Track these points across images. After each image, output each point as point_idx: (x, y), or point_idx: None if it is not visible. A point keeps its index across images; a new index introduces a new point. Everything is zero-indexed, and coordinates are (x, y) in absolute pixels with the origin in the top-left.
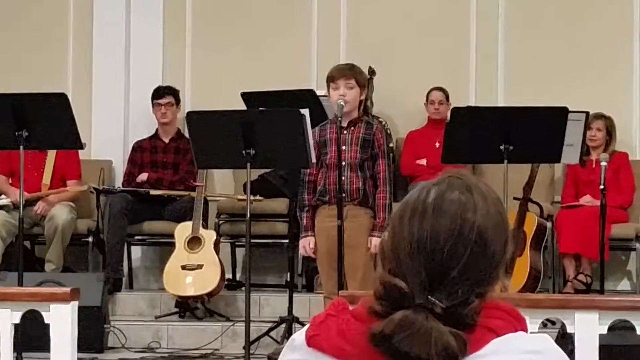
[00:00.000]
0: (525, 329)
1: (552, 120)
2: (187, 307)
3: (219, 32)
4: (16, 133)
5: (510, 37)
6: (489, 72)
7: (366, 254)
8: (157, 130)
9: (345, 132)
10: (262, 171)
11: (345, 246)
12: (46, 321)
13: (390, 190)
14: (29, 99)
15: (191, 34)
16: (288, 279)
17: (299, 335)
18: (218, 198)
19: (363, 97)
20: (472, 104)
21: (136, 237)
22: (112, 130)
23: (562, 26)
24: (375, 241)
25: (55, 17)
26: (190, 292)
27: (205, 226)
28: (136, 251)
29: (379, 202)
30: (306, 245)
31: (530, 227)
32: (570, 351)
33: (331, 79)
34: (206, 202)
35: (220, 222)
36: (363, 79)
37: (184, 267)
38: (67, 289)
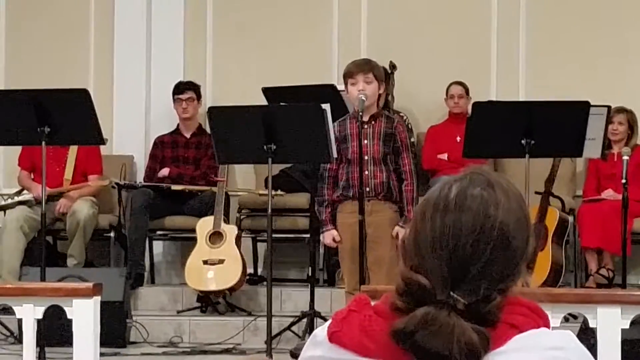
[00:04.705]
0: (547, 325)
1: (574, 114)
2: (208, 302)
3: (239, 28)
4: (38, 129)
5: (531, 31)
6: (510, 66)
7: (391, 248)
8: (178, 125)
9: (366, 126)
10: (284, 166)
11: (370, 241)
12: (69, 316)
13: (416, 183)
14: (50, 94)
15: (212, 29)
16: (309, 274)
17: (321, 330)
18: (239, 193)
19: (382, 91)
20: (493, 99)
21: (158, 232)
22: (133, 126)
23: (584, 21)
24: (402, 232)
25: (77, 13)
26: (212, 286)
27: (227, 221)
28: (158, 246)
29: (407, 195)
30: (330, 238)
31: (551, 222)
32: (591, 345)
33: (349, 75)
34: (227, 197)
35: (242, 217)
36: (380, 73)
37: (205, 262)
38: (90, 284)
